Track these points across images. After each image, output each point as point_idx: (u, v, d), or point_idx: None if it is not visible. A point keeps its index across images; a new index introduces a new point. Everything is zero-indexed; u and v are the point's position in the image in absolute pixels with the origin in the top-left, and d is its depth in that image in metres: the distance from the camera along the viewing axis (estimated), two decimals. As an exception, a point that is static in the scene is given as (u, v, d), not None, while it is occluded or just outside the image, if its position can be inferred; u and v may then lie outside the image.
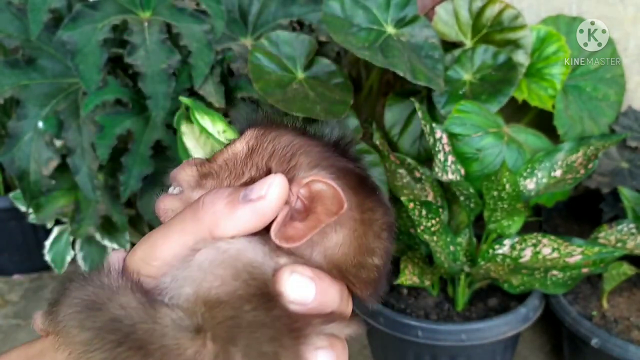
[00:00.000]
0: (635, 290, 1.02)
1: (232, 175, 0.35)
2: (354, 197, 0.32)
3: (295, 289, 0.30)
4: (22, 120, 0.97)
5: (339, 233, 0.31)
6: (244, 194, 0.31)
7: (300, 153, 0.33)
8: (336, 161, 0.33)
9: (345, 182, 0.32)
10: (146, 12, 0.95)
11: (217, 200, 0.31)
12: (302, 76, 0.96)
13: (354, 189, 0.32)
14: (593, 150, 0.92)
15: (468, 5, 1.05)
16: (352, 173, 0.33)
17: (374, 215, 0.33)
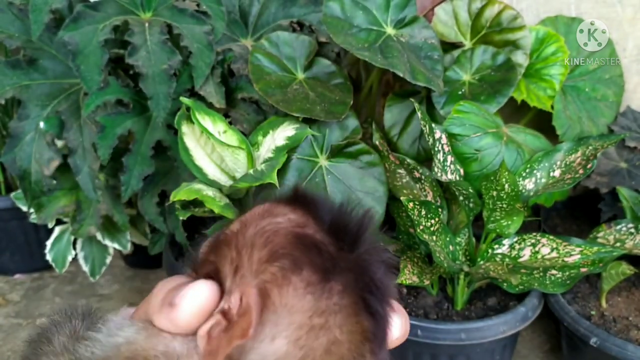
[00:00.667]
0: (634, 290, 1.02)
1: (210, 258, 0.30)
2: (309, 295, 0.25)
3: None
4: (24, 121, 0.97)
5: (275, 342, 0.25)
6: (172, 295, 0.28)
7: (262, 242, 0.27)
8: (305, 250, 0.26)
9: (300, 278, 0.26)
10: (147, 13, 0.96)
11: (159, 293, 0.30)
12: (302, 77, 0.97)
13: (315, 283, 0.26)
14: (592, 150, 0.93)
15: (467, 6, 1.05)
16: (320, 261, 0.26)
17: (345, 321, 0.25)
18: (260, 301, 0.25)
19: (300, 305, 0.25)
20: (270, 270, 0.26)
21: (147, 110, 0.98)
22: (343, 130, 0.97)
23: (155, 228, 1.13)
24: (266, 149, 0.91)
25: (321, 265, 0.26)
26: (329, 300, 0.25)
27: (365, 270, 0.26)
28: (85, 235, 1.13)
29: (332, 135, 0.95)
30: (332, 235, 0.27)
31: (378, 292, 0.26)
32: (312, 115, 0.90)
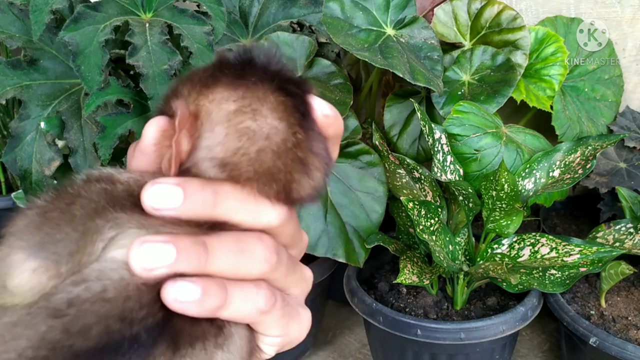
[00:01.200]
0: (634, 290, 1.03)
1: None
2: (226, 83, 0.29)
3: (155, 197, 0.27)
4: (24, 121, 0.98)
5: (215, 131, 0.28)
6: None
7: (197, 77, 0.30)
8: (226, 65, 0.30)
9: (218, 69, 0.29)
10: (147, 13, 0.96)
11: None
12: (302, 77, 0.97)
13: (233, 75, 0.29)
14: (591, 150, 0.93)
15: (467, 7, 1.05)
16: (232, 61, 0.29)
17: (263, 96, 0.28)
18: (193, 109, 0.29)
19: (228, 99, 0.28)
20: (197, 90, 0.29)
21: (147, 111, 0.98)
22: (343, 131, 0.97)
23: (156, 228, 1.13)
24: (266, 149, 0.91)
25: (242, 74, 0.29)
26: (254, 93, 0.28)
27: (284, 75, 0.29)
28: (85, 235, 1.13)
29: (332, 135, 0.95)
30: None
31: (295, 82, 0.30)
32: (312, 116, 0.90)
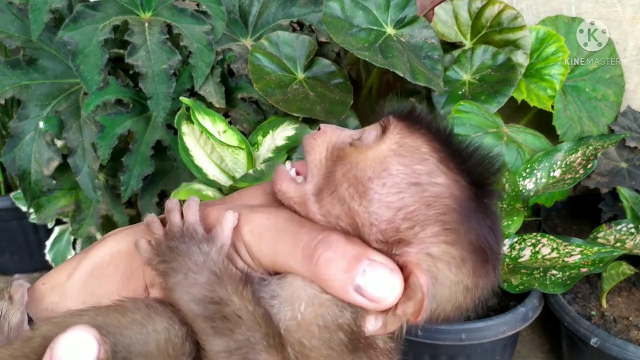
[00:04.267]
0: (634, 290, 1.02)
1: (353, 203, 0.36)
2: (472, 267, 0.35)
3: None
4: (24, 121, 0.97)
5: (441, 294, 0.35)
6: (357, 285, 0.34)
7: (436, 212, 0.35)
8: (468, 232, 0.35)
9: (472, 258, 0.35)
10: (147, 12, 0.95)
11: (336, 262, 0.34)
12: (302, 77, 0.96)
13: (477, 261, 0.35)
14: (592, 150, 0.93)
15: (467, 6, 1.05)
16: (480, 246, 0.35)
17: (481, 281, 0.36)
18: (429, 282, 0.34)
19: (470, 268, 0.35)
20: (439, 247, 0.35)
21: (146, 110, 0.98)
22: (343, 130, 0.97)
23: (155, 228, 1.12)
24: (266, 148, 0.91)
25: (481, 252, 0.36)
26: (483, 267, 0.36)
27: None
28: (85, 236, 1.13)
29: (332, 135, 0.95)
30: (475, 187, 0.37)
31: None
32: (312, 115, 0.90)
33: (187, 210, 0.41)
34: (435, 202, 0.35)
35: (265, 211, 0.40)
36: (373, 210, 0.35)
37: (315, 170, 0.39)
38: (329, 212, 0.37)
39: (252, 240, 0.38)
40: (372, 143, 0.38)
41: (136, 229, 0.44)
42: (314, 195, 0.38)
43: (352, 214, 0.36)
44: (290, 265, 0.37)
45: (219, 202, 0.45)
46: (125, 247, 0.43)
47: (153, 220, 0.41)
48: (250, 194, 0.44)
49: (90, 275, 0.43)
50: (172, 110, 0.94)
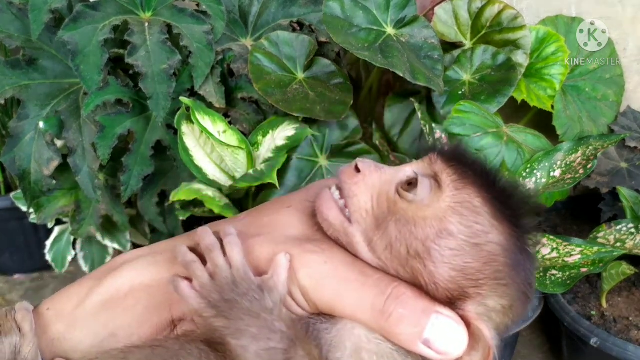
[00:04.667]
0: (635, 290, 1.02)
1: (414, 262, 0.37)
2: (517, 310, 0.39)
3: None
4: (23, 121, 0.97)
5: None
6: (426, 339, 0.35)
7: (492, 269, 0.37)
8: (517, 282, 0.38)
9: (518, 304, 0.38)
10: (147, 12, 0.95)
11: (407, 319, 0.35)
12: (302, 76, 0.96)
13: (521, 305, 0.39)
14: (592, 150, 0.93)
15: (467, 6, 1.05)
16: (524, 291, 0.38)
17: (519, 318, 0.40)
18: (494, 334, 0.38)
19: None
20: (494, 300, 0.37)
21: (146, 110, 0.98)
22: (343, 130, 0.97)
23: (155, 228, 1.13)
24: (266, 149, 0.91)
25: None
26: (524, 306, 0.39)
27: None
28: (84, 236, 1.13)
29: (332, 135, 0.95)
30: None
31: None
32: (312, 115, 0.90)
33: (232, 251, 0.39)
34: (491, 260, 0.37)
35: (320, 252, 0.39)
36: (437, 271, 0.36)
37: (361, 219, 0.38)
38: (385, 262, 0.38)
39: (311, 286, 0.38)
40: (428, 200, 0.37)
41: (159, 259, 0.42)
42: (363, 242, 0.38)
43: (413, 271, 0.37)
44: (356, 316, 0.37)
45: (248, 220, 0.43)
46: (149, 279, 0.41)
47: (192, 259, 0.39)
48: (287, 221, 0.42)
49: (103, 306, 0.41)
50: (172, 110, 0.94)
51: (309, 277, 0.38)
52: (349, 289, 0.37)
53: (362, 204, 0.39)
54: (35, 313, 0.42)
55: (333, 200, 0.40)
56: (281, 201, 0.44)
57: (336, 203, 0.39)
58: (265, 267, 0.39)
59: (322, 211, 0.40)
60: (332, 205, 0.39)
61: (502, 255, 0.37)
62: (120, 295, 0.41)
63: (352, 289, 0.37)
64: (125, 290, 0.41)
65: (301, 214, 0.42)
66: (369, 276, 0.37)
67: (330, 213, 0.39)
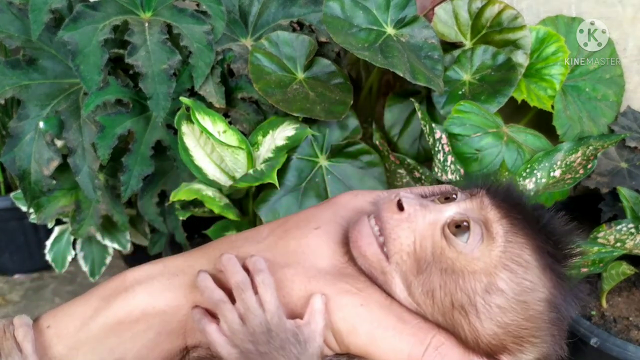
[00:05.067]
0: (635, 290, 1.02)
1: (456, 314, 0.35)
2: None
3: None
4: (23, 121, 0.97)
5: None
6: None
7: (534, 326, 0.36)
8: (553, 340, 0.37)
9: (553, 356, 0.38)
10: (147, 12, 0.95)
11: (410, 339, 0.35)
12: (302, 76, 0.96)
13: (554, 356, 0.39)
14: (592, 150, 0.93)
15: (467, 6, 1.05)
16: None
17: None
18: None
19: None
20: (530, 355, 0.37)
21: (146, 110, 0.98)
22: (343, 130, 0.97)
23: (155, 228, 1.13)
24: (266, 149, 0.91)
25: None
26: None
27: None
28: (84, 235, 1.13)
29: (332, 135, 0.95)
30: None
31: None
32: (312, 115, 0.90)
33: (265, 293, 0.36)
34: (536, 318, 0.36)
35: (356, 294, 0.37)
36: (481, 327, 0.35)
37: (401, 261, 0.37)
38: (422, 307, 0.36)
39: (346, 330, 0.36)
40: (479, 252, 0.35)
41: (175, 283, 0.39)
42: (401, 284, 0.37)
43: (454, 322, 0.36)
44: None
45: (272, 241, 0.40)
46: (164, 304, 0.38)
47: (221, 298, 0.36)
48: (316, 248, 0.39)
49: (111, 329, 0.39)
50: (172, 110, 0.94)
51: (344, 321, 0.36)
52: (386, 335, 0.36)
53: (405, 247, 0.37)
54: (35, 329, 0.40)
55: (373, 235, 0.37)
56: (307, 219, 0.41)
57: (376, 239, 0.37)
58: (297, 305, 0.37)
59: (359, 245, 0.38)
60: (371, 241, 0.37)
61: (547, 311, 0.36)
62: (130, 319, 0.39)
63: (389, 336, 0.36)
64: (136, 314, 0.39)
65: (331, 239, 0.40)
66: (407, 322, 0.36)
67: (369, 249, 0.37)
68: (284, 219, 0.43)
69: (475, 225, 0.37)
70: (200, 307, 0.38)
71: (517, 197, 0.39)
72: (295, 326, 0.36)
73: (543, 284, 0.36)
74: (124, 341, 0.39)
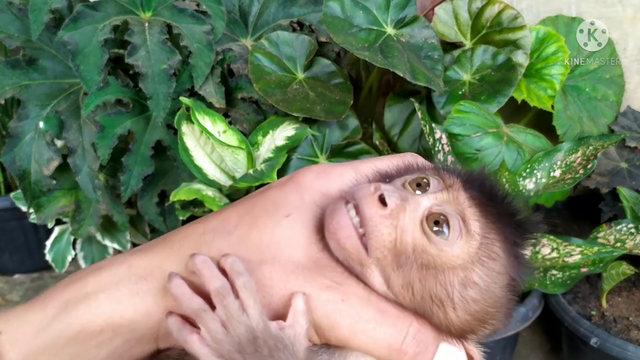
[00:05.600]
0: (635, 290, 1.02)
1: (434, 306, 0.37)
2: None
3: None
4: (23, 121, 0.97)
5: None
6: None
7: (496, 311, 0.39)
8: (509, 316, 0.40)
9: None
10: (147, 12, 0.95)
11: (422, 355, 0.37)
12: (302, 76, 0.96)
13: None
14: (592, 150, 0.93)
15: (467, 6, 1.05)
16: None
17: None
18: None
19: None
20: (490, 331, 0.40)
21: (146, 110, 0.98)
22: (343, 130, 0.96)
23: (155, 228, 1.13)
24: (266, 148, 0.91)
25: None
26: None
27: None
28: (84, 235, 1.13)
29: (332, 135, 0.95)
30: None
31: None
32: (312, 115, 0.90)
33: (248, 299, 0.35)
34: (499, 303, 0.38)
35: (335, 289, 0.37)
36: (455, 317, 0.37)
37: (381, 255, 0.36)
38: (399, 297, 0.37)
39: (328, 325, 0.36)
40: (458, 249, 0.37)
41: (144, 287, 0.36)
42: (380, 276, 0.37)
43: (431, 312, 0.37)
44: (371, 352, 0.37)
45: (243, 233, 0.38)
46: (132, 312, 0.36)
47: (201, 307, 0.34)
48: (290, 238, 0.38)
49: (73, 338, 0.35)
50: (172, 110, 0.94)
51: (326, 318, 0.36)
52: (367, 328, 0.36)
53: (386, 243, 0.36)
54: None
55: (353, 226, 0.37)
56: (275, 204, 0.40)
57: (356, 231, 0.37)
58: (279, 304, 0.36)
59: (338, 238, 0.37)
60: (350, 234, 0.37)
61: (507, 294, 0.39)
62: (94, 328, 0.36)
63: (370, 328, 0.37)
64: (100, 323, 0.36)
65: (303, 227, 0.38)
66: (386, 313, 0.37)
67: (348, 242, 0.37)
68: (249, 200, 0.41)
69: (454, 222, 0.37)
70: (176, 315, 0.35)
71: (490, 187, 0.39)
72: (279, 328, 0.35)
73: (507, 272, 0.38)
74: (86, 350, 0.36)
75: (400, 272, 0.37)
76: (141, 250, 0.39)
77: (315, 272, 0.37)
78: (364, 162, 0.43)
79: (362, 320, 0.37)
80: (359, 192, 0.38)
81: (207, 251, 0.37)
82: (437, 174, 0.41)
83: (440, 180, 0.40)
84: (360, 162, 0.44)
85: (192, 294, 0.35)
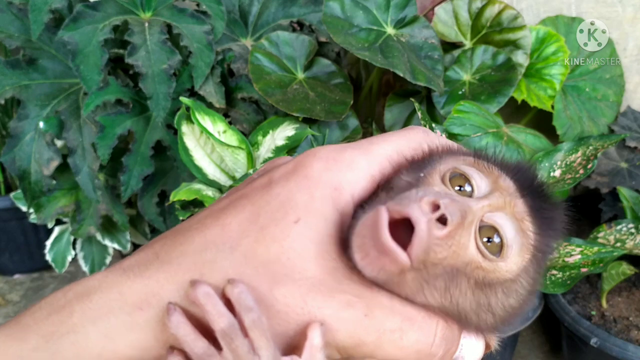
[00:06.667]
0: (635, 290, 1.02)
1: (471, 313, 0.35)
2: None
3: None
4: (23, 121, 0.97)
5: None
6: (456, 357, 0.37)
7: (521, 310, 0.38)
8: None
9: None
10: (147, 12, 0.95)
11: (449, 355, 0.36)
12: (302, 76, 0.96)
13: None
14: (592, 150, 0.93)
15: (467, 6, 1.05)
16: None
17: None
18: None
19: None
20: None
21: (146, 110, 0.98)
22: (343, 130, 0.97)
23: (155, 228, 1.13)
24: (266, 148, 0.91)
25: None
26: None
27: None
28: (84, 236, 1.13)
29: (332, 135, 0.95)
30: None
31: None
32: (312, 115, 0.90)
33: (259, 339, 0.31)
34: (526, 305, 0.38)
35: (357, 303, 0.33)
36: (488, 321, 0.36)
37: (423, 268, 0.32)
38: (428, 299, 0.34)
39: (351, 344, 0.33)
40: (512, 264, 0.34)
41: (139, 320, 0.32)
42: (414, 287, 0.33)
43: (463, 317, 0.35)
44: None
45: (250, 244, 0.33)
46: (127, 348, 0.32)
47: (207, 351, 0.31)
48: (302, 251, 0.33)
49: None
50: (172, 110, 0.94)
51: (349, 338, 0.33)
52: (393, 338, 0.34)
53: (437, 261, 0.32)
54: None
55: (399, 252, 0.30)
56: (282, 207, 0.34)
57: (402, 251, 0.31)
58: (295, 332, 0.33)
59: (383, 264, 0.31)
60: (397, 258, 0.30)
61: (530, 296, 0.38)
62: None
63: (396, 338, 0.34)
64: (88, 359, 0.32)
65: (315, 232, 0.34)
66: (413, 319, 0.34)
67: (394, 266, 0.31)
68: (250, 200, 0.35)
69: (510, 234, 0.34)
70: (179, 354, 0.32)
71: (542, 190, 0.36)
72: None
73: (541, 277, 0.39)
74: None
75: (441, 282, 0.33)
76: (133, 270, 0.34)
77: (333, 287, 0.33)
78: (373, 143, 0.37)
79: (388, 331, 0.33)
80: (411, 209, 0.31)
81: (210, 274, 0.33)
82: (479, 166, 0.35)
83: (483, 174, 0.35)
84: (369, 142, 0.37)
85: (196, 335, 0.32)
